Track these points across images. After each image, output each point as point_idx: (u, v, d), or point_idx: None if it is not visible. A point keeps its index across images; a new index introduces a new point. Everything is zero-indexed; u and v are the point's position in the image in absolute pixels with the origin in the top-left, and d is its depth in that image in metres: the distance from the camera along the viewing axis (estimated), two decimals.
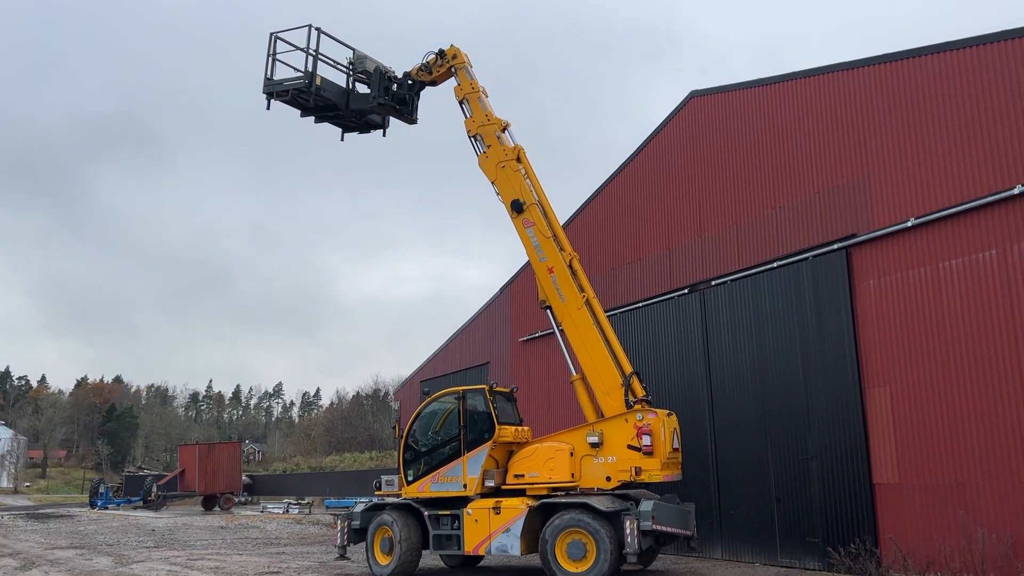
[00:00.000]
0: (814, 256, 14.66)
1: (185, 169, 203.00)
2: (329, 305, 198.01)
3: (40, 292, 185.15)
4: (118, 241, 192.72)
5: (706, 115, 17.92)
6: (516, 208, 15.39)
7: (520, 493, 14.01)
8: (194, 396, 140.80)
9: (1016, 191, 11.41)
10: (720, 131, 17.40)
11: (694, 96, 18.35)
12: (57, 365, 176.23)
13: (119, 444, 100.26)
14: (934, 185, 12.71)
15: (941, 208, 12.48)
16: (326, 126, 17.49)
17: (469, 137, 16.28)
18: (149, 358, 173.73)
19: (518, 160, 15.71)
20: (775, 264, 15.44)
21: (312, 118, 17.18)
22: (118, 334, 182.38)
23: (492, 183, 15.95)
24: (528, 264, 17.50)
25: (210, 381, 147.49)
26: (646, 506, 12.73)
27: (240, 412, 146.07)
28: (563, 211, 19.29)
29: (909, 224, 12.94)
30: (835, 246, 14.27)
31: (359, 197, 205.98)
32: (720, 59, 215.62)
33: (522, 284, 22.80)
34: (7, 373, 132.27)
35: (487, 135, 15.97)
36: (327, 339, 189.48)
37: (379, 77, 16.87)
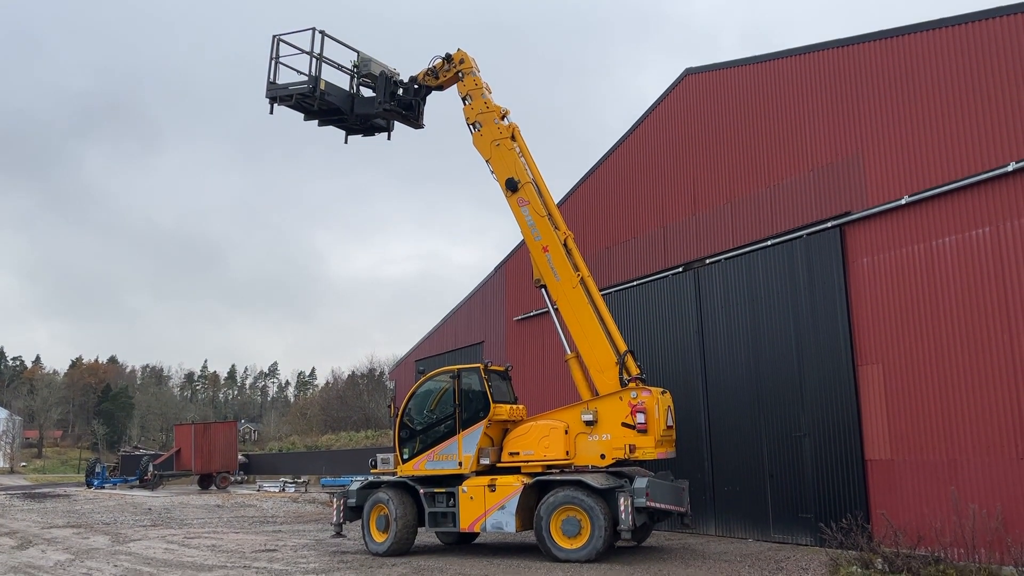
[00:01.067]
0: (808, 234, 14.67)
1: (171, 148, 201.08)
2: (321, 285, 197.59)
3: (29, 273, 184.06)
4: (105, 221, 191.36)
5: (700, 93, 17.84)
6: (511, 186, 15.38)
7: (515, 471, 14.10)
8: (189, 376, 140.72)
9: (1010, 168, 11.41)
10: (714, 109, 17.33)
11: (688, 74, 18.25)
12: (51, 346, 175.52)
13: (115, 424, 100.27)
14: (928, 162, 12.71)
15: (935, 185, 12.49)
16: (329, 128, 17.33)
17: (468, 124, 16.31)
18: (143, 338, 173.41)
19: (513, 139, 15.69)
20: (769, 242, 15.45)
21: (316, 121, 17.01)
22: (111, 314, 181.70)
23: (487, 162, 15.94)
24: (523, 243, 17.49)
25: (205, 361, 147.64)
26: (640, 483, 12.84)
27: (235, 392, 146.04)
28: (557, 191, 19.23)
29: (903, 202, 12.94)
30: (829, 224, 14.27)
31: (347, 176, 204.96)
32: (706, 38, 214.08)
33: (517, 263, 22.78)
34: (1, 353, 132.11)
35: (486, 122, 16.03)
36: (321, 319, 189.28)
37: (385, 82, 16.71)
